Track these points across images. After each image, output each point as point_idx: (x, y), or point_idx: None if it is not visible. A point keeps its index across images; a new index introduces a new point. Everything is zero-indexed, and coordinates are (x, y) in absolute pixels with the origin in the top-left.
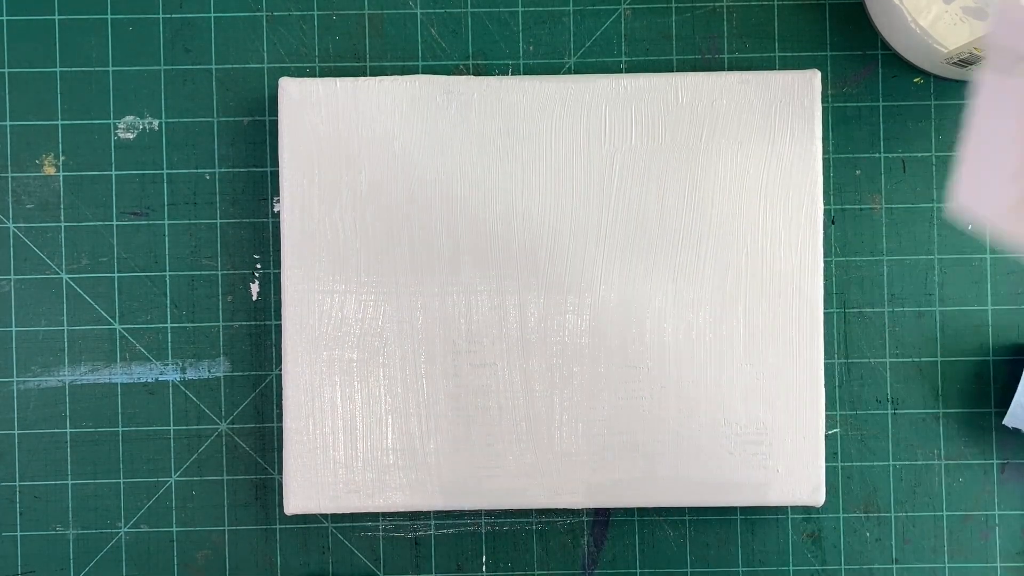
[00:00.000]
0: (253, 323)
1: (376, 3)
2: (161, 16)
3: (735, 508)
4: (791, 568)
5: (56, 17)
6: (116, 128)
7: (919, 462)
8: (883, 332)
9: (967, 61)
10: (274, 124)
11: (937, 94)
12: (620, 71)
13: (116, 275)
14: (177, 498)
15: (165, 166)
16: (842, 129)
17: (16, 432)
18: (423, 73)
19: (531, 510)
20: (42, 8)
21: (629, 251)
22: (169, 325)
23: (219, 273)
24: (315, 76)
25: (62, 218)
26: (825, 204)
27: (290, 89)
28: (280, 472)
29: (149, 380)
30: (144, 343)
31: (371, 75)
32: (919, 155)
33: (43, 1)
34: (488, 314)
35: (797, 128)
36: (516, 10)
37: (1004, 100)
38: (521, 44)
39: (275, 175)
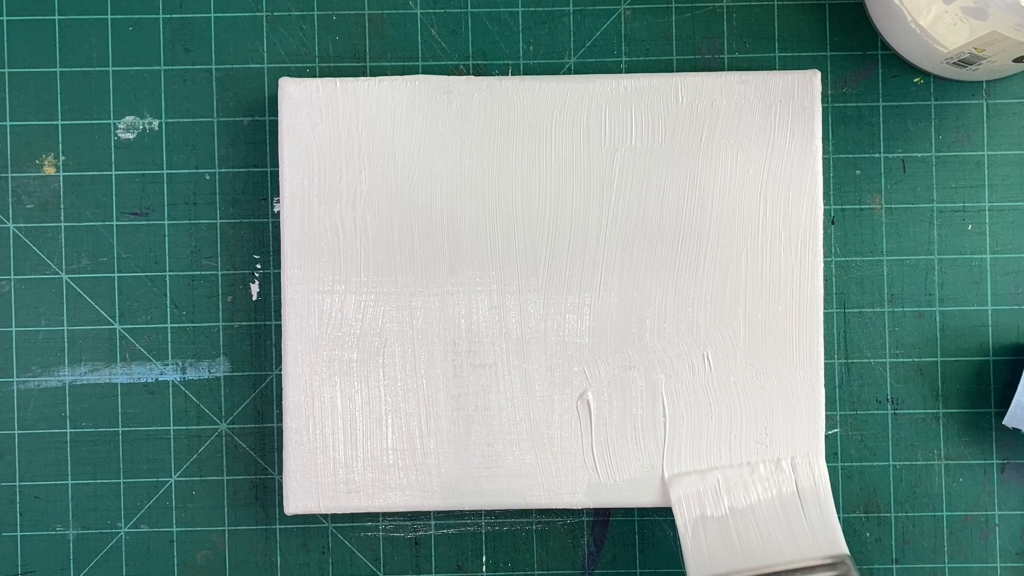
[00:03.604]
0: (253, 323)
1: (376, 3)
2: (161, 16)
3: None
4: None
5: (56, 17)
6: (116, 128)
7: (919, 462)
8: (883, 332)
9: (967, 61)
10: (274, 124)
11: (937, 94)
12: (620, 71)
13: (116, 275)
14: (177, 498)
15: (165, 166)
16: (842, 129)
17: (16, 432)
18: (423, 73)
19: (531, 510)
20: (42, 8)
21: (629, 251)
22: (169, 325)
23: (219, 273)
24: (315, 76)
25: (62, 218)
26: (825, 204)
27: (290, 89)
28: (280, 472)
29: (149, 380)
30: (144, 343)
31: (371, 75)
32: (919, 155)
33: (43, 1)
34: (488, 314)
35: (797, 128)
36: (516, 10)
37: None
38: (521, 44)
39: (275, 175)
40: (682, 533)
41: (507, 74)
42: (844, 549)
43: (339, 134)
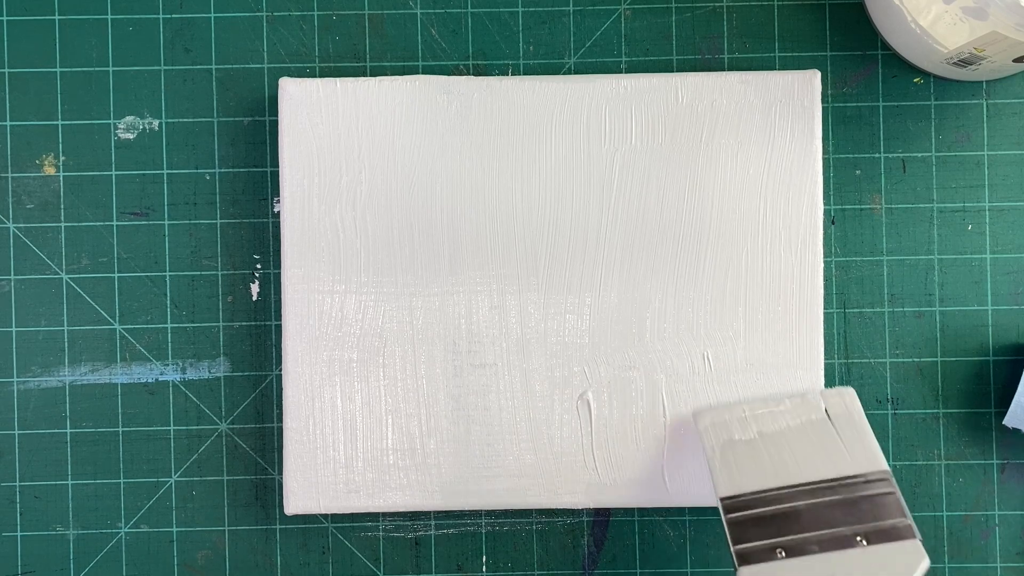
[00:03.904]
0: (253, 323)
1: (376, 3)
2: (161, 16)
3: None
4: None
5: (56, 17)
6: (116, 128)
7: (919, 462)
8: (883, 332)
9: (967, 61)
10: (274, 124)
11: (937, 94)
12: (620, 71)
13: (116, 275)
14: (177, 498)
15: (165, 166)
16: (842, 129)
17: (16, 432)
18: (423, 73)
19: (531, 510)
20: (42, 8)
21: (629, 251)
22: (169, 325)
23: (219, 273)
24: (315, 76)
25: (62, 218)
26: (825, 204)
27: (290, 89)
28: (280, 472)
29: (149, 380)
30: (144, 343)
31: (371, 75)
32: (919, 155)
33: (43, 1)
34: (488, 314)
35: (797, 128)
36: (516, 10)
37: None
38: (521, 44)
39: (275, 175)
40: (709, 456)
41: (507, 74)
42: (884, 465)
43: (339, 134)
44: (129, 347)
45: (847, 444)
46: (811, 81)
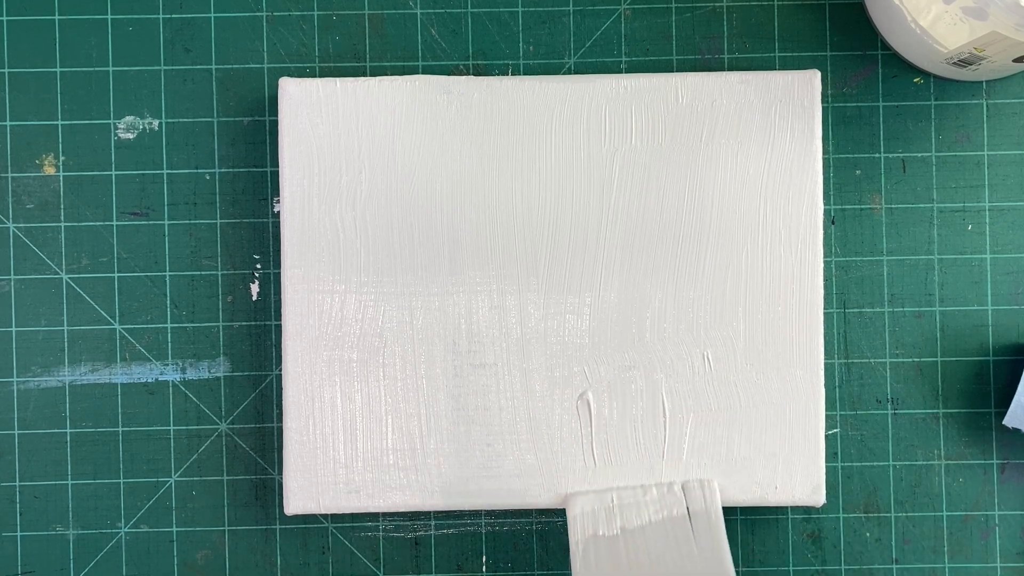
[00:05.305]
0: (253, 323)
1: (376, 3)
2: (161, 16)
3: (735, 508)
4: (791, 568)
5: (56, 17)
6: (116, 128)
7: (919, 462)
8: (883, 332)
9: (967, 61)
10: (274, 124)
11: (937, 94)
12: (620, 71)
13: (116, 275)
14: (177, 498)
15: (165, 166)
16: (842, 129)
17: (16, 432)
18: (423, 73)
19: (531, 510)
20: (42, 8)
21: (629, 251)
22: (169, 325)
23: (219, 273)
24: (315, 76)
25: (62, 218)
26: (825, 204)
27: (290, 89)
28: (280, 472)
29: (149, 380)
30: (144, 343)
31: (371, 75)
32: (919, 155)
33: (43, 1)
34: (488, 314)
35: (797, 128)
36: (516, 10)
37: None
38: (521, 44)
39: (275, 175)
40: (573, 551)
41: (507, 74)
42: (730, 575)
43: (339, 134)
44: (129, 347)
45: (700, 548)
46: (811, 81)
